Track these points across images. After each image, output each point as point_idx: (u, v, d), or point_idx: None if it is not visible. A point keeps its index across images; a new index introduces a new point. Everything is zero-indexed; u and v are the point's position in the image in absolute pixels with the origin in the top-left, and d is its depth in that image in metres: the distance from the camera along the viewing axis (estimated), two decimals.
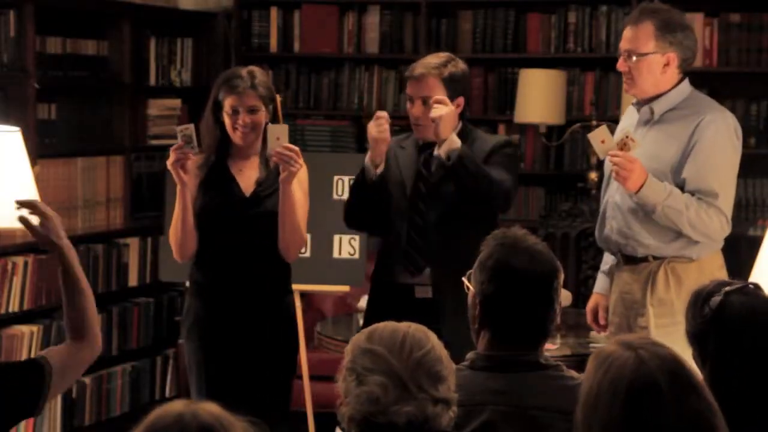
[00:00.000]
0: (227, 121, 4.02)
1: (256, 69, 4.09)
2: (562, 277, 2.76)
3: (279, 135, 3.90)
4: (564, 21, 6.32)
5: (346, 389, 2.36)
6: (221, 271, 4.08)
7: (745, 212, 6.09)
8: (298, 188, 4.07)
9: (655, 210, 3.82)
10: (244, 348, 4.09)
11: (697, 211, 3.80)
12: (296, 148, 3.91)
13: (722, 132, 3.85)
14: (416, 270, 3.98)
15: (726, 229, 3.88)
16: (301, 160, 3.91)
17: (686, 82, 3.95)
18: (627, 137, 3.80)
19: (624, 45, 3.91)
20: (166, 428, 1.74)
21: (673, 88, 3.91)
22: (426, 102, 3.93)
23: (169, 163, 3.95)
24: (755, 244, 3.88)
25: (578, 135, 6.22)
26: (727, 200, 3.86)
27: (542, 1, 6.37)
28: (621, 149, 3.78)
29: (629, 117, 4.09)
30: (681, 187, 3.85)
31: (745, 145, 6.02)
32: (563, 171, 6.36)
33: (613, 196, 3.98)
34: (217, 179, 4.06)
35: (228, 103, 4.00)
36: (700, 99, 3.98)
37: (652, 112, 3.92)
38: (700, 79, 6.15)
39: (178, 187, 3.99)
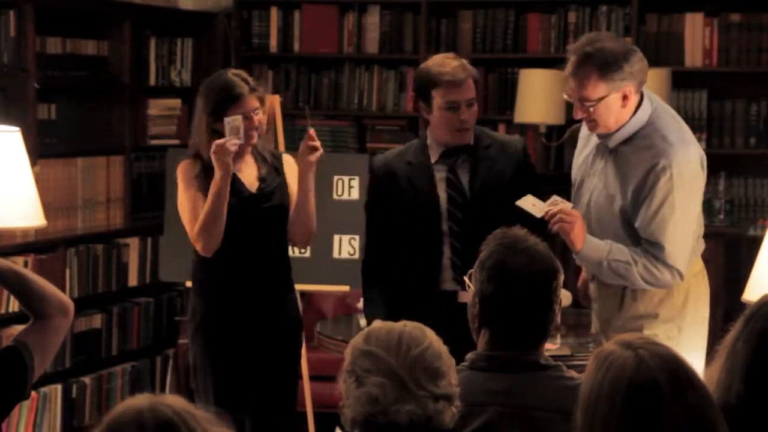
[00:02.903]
0: None
1: (241, 72, 4.12)
2: (561, 277, 2.76)
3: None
4: (564, 21, 6.33)
5: (347, 391, 2.37)
6: (232, 268, 4.08)
7: (745, 212, 6.09)
8: (296, 183, 4.15)
9: (601, 267, 3.70)
10: (253, 348, 4.11)
11: (645, 266, 3.67)
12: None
13: (676, 179, 3.63)
14: (460, 279, 3.96)
15: (677, 279, 3.71)
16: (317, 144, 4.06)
17: (644, 107, 3.71)
18: (556, 202, 3.72)
19: (572, 94, 3.70)
20: (126, 425, 1.73)
21: (631, 117, 3.69)
22: (471, 104, 3.93)
23: (215, 153, 3.91)
24: (755, 244, 3.88)
25: (578, 135, 6.21)
26: (676, 251, 3.67)
27: (542, 1, 6.38)
28: None
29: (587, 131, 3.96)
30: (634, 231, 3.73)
31: (745, 145, 6.11)
32: (563, 171, 6.35)
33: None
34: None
35: (235, 109, 4.00)
36: (658, 128, 3.70)
37: (606, 145, 3.77)
38: (700, 79, 6.18)
39: (220, 175, 3.92)
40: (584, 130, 3.97)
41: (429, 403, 2.33)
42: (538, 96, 6.06)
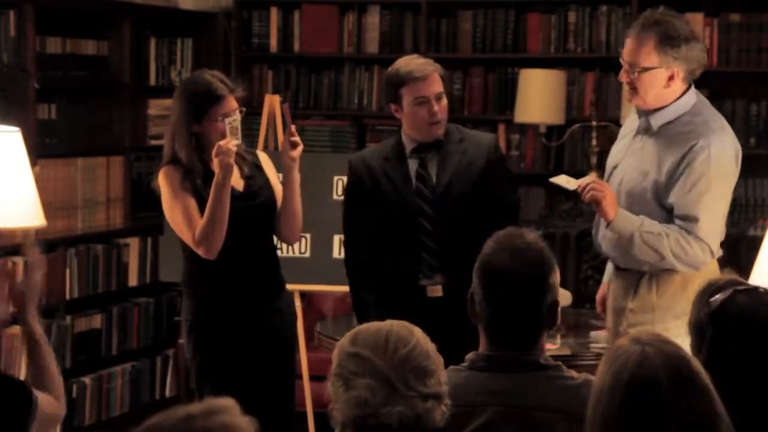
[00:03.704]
0: (216, 130, 4.00)
1: (218, 72, 4.13)
2: (554, 276, 2.71)
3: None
4: (564, 21, 6.32)
5: (335, 394, 2.36)
6: (225, 268, 4.07)
7: (745, 212, 6.09)
8: (277, 180, 4.20)
9: (633, 240, 3.72)
10: (248, 347, 4.11)
11: (677, 239, 3.70)
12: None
13: (713, 159, 3.70)
14: (430, 275, 3.99)
15: (707, 257, 3.73)
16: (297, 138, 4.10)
17: (690, 93, 3.81)
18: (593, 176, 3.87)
19: (626, 56, 3.77)
20: (170, 428, 1.74)
21: (676, 100, 3.78)
22: (440, 98, 4.01)
23: (218, 155, 3.88)
24: (755, 244, 3.88)
25: (578, 135, 6.22)
26: (709, 227, 3.71)
27: (542, 1, 6.37)
28: None
29: (632, 118, 4.04)
30: (669, 211, 3.77)
31: (745, 145, 6.08)
32: (563, 171, 6.33)
33: None
34: (209, 185, 4.06)
35: (216, 111, 4.00)
36: (701, 114, 3.80)
37: (649, 124, 3.82)
38: (700, 79, 6.15)
39: (222, 176, 3.90)
40: (626, 122, 4.05)
41: (418, 402, 2.33)
42: (538, 96, 6.06)
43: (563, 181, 3.86)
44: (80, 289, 5.62)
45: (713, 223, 3.74)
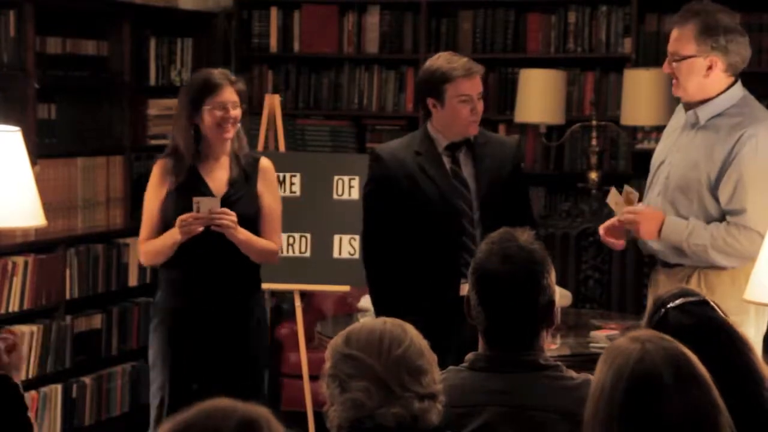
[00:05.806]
0: (211, 119, 4.08)
1: (225, 70, 4.23)
2: (548, 277, 2.68)
3: (211, 206, 3.99)
4: (564, 21, 6.33)
5: (331, 396, 2.36)
6: (192, 269, 4.13)
7: None
8: (269, 193, 4.19)
9: (683, 249, 3.81)
10: (212, 344, 4.14)
11: (724, 239, 3.75)
12: (225, 210, 4.02)
13: (761, 147, 3.75)
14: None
15: (757, 247, 3.64)
16: (233, 217, 4.02)
17: (737, 87, 3.87)
18: (628, 192, 3.89)
19: (669, 47, 3.86)
20: (211, 415, 1.74)
21: (721, 92, 3.83)
22: (481, 98, 4.07)
23: (180, 228, 4.01)
24: None
25: (578, 135, 6.22)
26: (758, 216, 3.74)
27: (542, 1, 6.37)
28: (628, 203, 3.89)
29: (677, 117, 4.05)
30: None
31: None
32: (563, 171, 6.35)
33: (654, 200, 3.95)
34: (189, 183, 4.11)
35: (213, 101, 4.07)
36: (749, 106, 3.87)
37: (696, 117, 3.86)
38: None
39: (180, 240, 4.04)
40: (671, 120, 4.09)
41: (414, 403, 2.33)
42: (538, 96, 6.06)
43: (613, 203, 3.96)
44: (80, 289, 5.62)
45: (762, 212, 3.76)
